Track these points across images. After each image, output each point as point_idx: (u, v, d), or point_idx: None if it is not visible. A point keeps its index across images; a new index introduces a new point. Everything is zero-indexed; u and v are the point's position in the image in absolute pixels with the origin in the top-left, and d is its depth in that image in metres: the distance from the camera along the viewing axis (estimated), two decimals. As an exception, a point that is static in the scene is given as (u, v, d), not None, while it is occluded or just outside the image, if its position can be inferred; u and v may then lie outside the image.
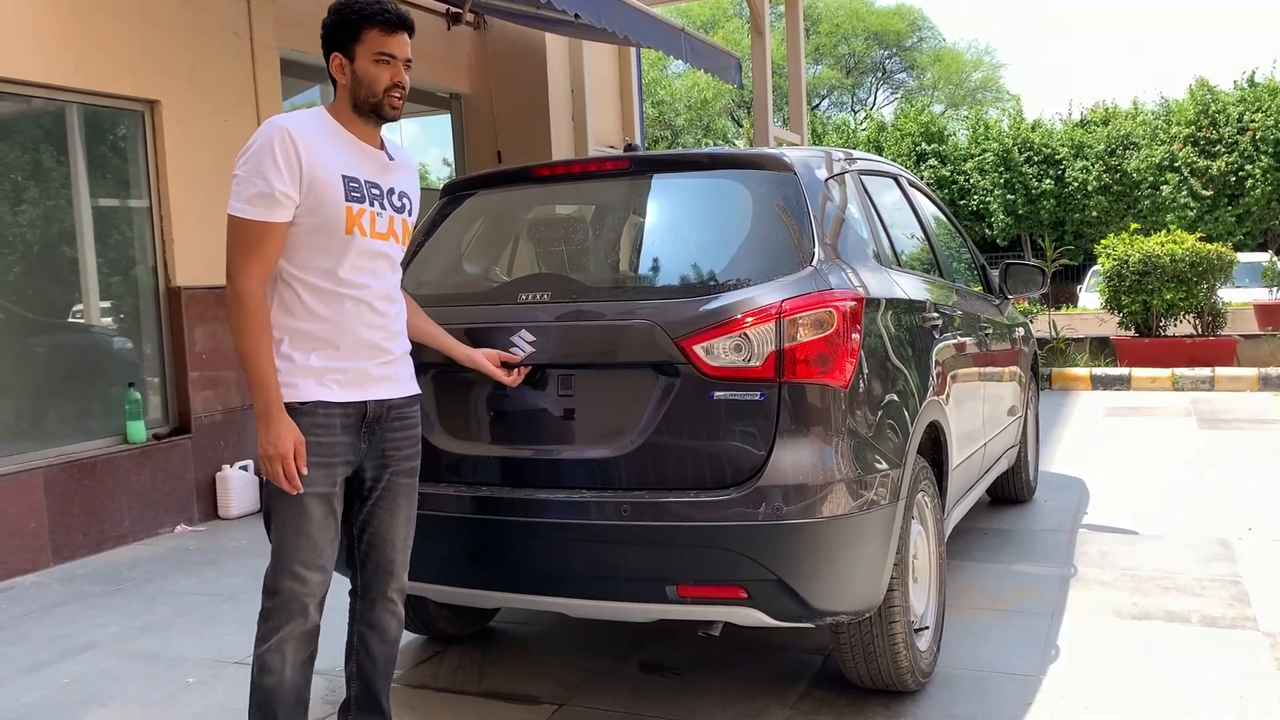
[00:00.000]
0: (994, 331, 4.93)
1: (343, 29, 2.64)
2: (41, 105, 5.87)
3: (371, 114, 2.68)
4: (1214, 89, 21.83)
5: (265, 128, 2.59)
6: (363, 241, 2.65)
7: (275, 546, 2.64)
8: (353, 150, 2.68)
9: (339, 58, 2.67)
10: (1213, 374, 10.52)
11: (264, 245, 2.55)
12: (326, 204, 2.59)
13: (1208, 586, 4.43)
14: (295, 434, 2.55)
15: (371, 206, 2.68)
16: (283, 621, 2.64)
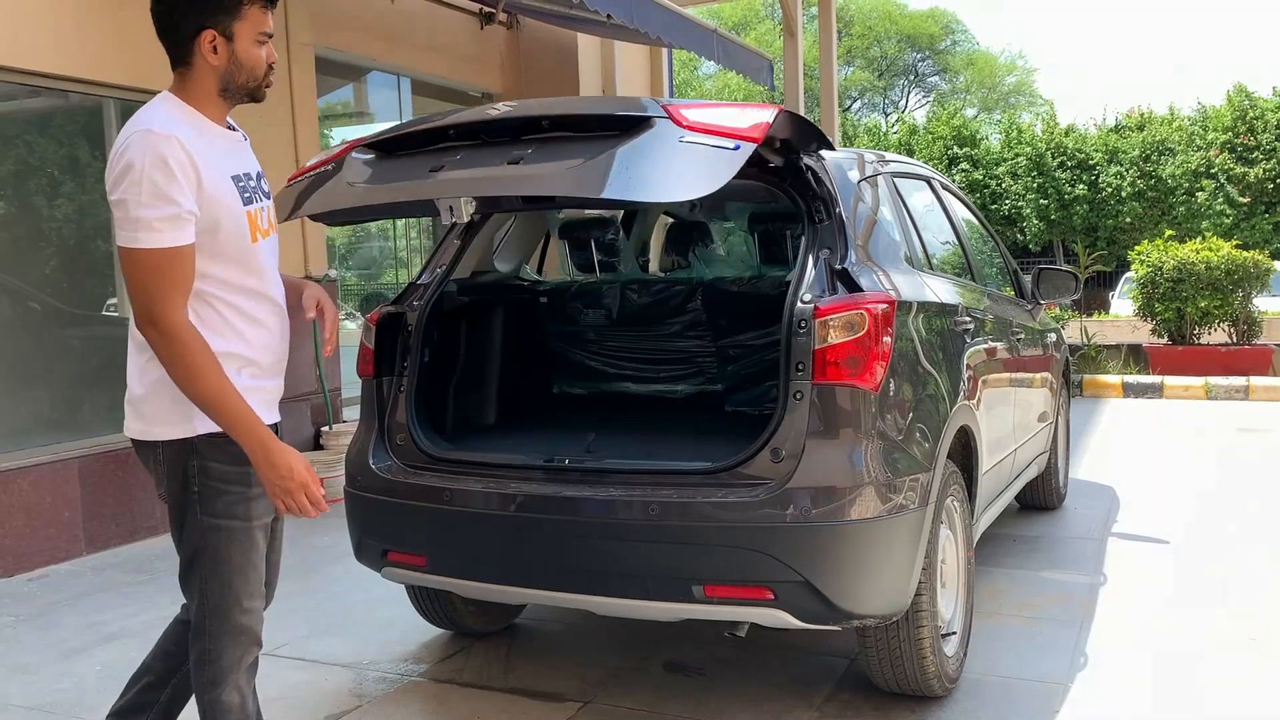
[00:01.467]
0: (1026, 337, 4.89)
1: (219, 2, 2.29)
2: (79, 100, 5.94)
3: (246, 98, 2.39)
4: (1252, 95, 21.58)
5: (144, 138, 2.19)
6: (263, 244, 2.39)
7: (220, 585, 2.35)
8: (222, 142, 2.35)
9: (213, 35, 2.29)
10: (1247, 383, 10.39)
11: (183, 272, 2.21)
12: (228, 214, 2.28)
13: (1241, 601, 4.38)
14: (301, 456, 2.28)
15: (258, 203, 2.39)
16: (238, 656, 2.41)
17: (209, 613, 2.38)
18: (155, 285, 2.19)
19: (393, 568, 3.51)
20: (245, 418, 2.22)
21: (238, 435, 2.23)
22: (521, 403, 4.25)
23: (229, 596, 2.36)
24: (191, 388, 2.21)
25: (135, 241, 2.18)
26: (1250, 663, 3.69)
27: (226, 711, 2.41)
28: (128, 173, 2.17)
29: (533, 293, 4.37)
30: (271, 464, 2.23)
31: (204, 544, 2.34)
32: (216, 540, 2.33)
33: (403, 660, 3.96)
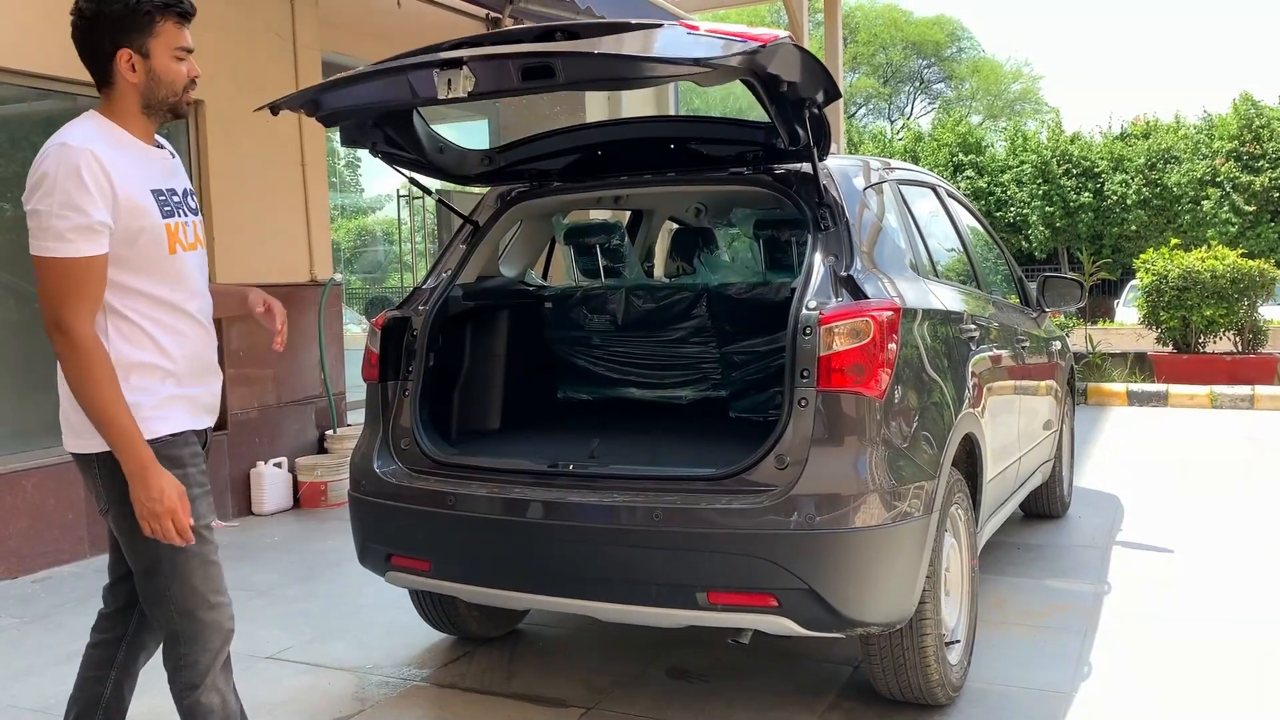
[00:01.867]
0: (1031, 344, 4.89)
1: (133, 21, 2.32)
2: (88, 104, 5.92)
3: (169, 114, 2.43)
4: (1258, 104, 21.56)
5: (60, 151, 2.26)
6: (184, 256, 2.42)
7: (181, 586, 2.39)
8: (145, 158, 2.41)
9: (129, 54, 2.34)
10: (1253, 392, 10.37)
11: (91, 283, 2.26)
12: (146, 226, 2.32)
13: (1246, 610, 4.37)
14: (176, 483, 2.31)
15: (180, 217, 2.43)
16: (212, 657, 2.45)
17: (179, 617, 2.41)
18: (64, 293, 2.24)
19: (396, 572, 3.51)
20: (130, 435, 2.26)
21: (120, 451, 2.27)
22: (526, 408, 4.25)
23: (194, 595, 2.40)
24: (85, 397, 2.26)
25: (46, 250, 2.24)
26: (1254, 672, 3.68)
27: (208, 713, 2.45)
28: (41, 183, 2.25)
29: (538, 298, 4.37)
30: (145, 485, 2.27)
31: (159, 550, 2.36)
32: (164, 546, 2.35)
33: (406, 665, 3.96)
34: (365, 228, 25.99)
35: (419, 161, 3.77)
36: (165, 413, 2.39)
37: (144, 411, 2.33)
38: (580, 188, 3.92)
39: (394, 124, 3.59)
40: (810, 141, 3.22)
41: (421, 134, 3.70)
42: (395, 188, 10.00)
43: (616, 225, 4.50)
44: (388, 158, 3.71)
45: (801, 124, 3.19)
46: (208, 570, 2.43)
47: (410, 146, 3.68)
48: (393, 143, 3.65)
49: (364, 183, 25.88)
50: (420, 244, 9.99)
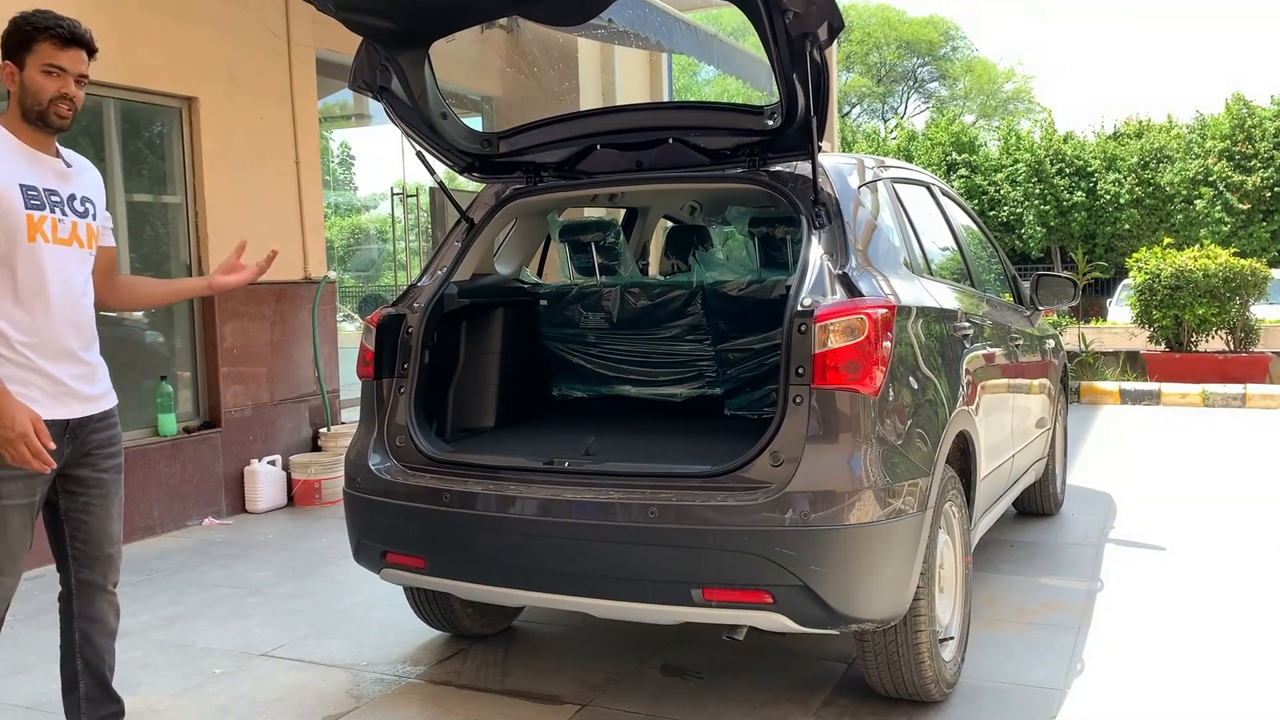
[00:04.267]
0: (1024, 343, 4.90)
1: (16, 38, 2.70)
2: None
3: (38, 122, 2.72)
4: (1250, 104, 21.62)
5: None
6: (46, 248, 2.69)
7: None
8: (25, 159, 2.71)
9: (9, 66, 2.71)
10: (1244, 391, 10.40)
11: None
12: (5, 213, 2.62)
13: (1238, 606, 4.39)
14: (28, 411, 2.58)
15: (52, 213, 2.72)
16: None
17: None
18: None
19: (391, 569, 3.51)
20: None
21: None
22: (521, 405, 4.26)
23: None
24: None
25: None
26: (1247, 668, 3.69)
27: None
28: None
29: (533, 295, 4.38)
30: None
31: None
32: None
33: (400, 662, 3.96)
34: (359, 226, 25.96)
35: (420, 121, 3.72)
36: None
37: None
38: (575, 185, 3.92)
39: (407, 61, 3.55)
40: (809, 106, 3.21)
41: (429, 89, 3.68)
42: (389, 186, 9.97)
43: (611, 223, 4.51)
44: (392, 107, 3.65)
45: (802, 76, 3.17)
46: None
47: (417, 97, 3.64)
48: (401, 90, 3.60)
49: (358, 181, 25.84)
50: (414, 242, 9.98)
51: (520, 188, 3.91)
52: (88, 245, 2.83)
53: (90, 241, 2.84)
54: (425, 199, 9.80)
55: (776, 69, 3.18)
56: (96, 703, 3.01)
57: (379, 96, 3.62)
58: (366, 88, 3.60)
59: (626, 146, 3.75)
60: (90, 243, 2.85)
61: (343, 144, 20.16)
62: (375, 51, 3.55)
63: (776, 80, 3.24)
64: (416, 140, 3.79)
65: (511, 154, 3.90)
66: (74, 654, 2.99)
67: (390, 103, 3.64)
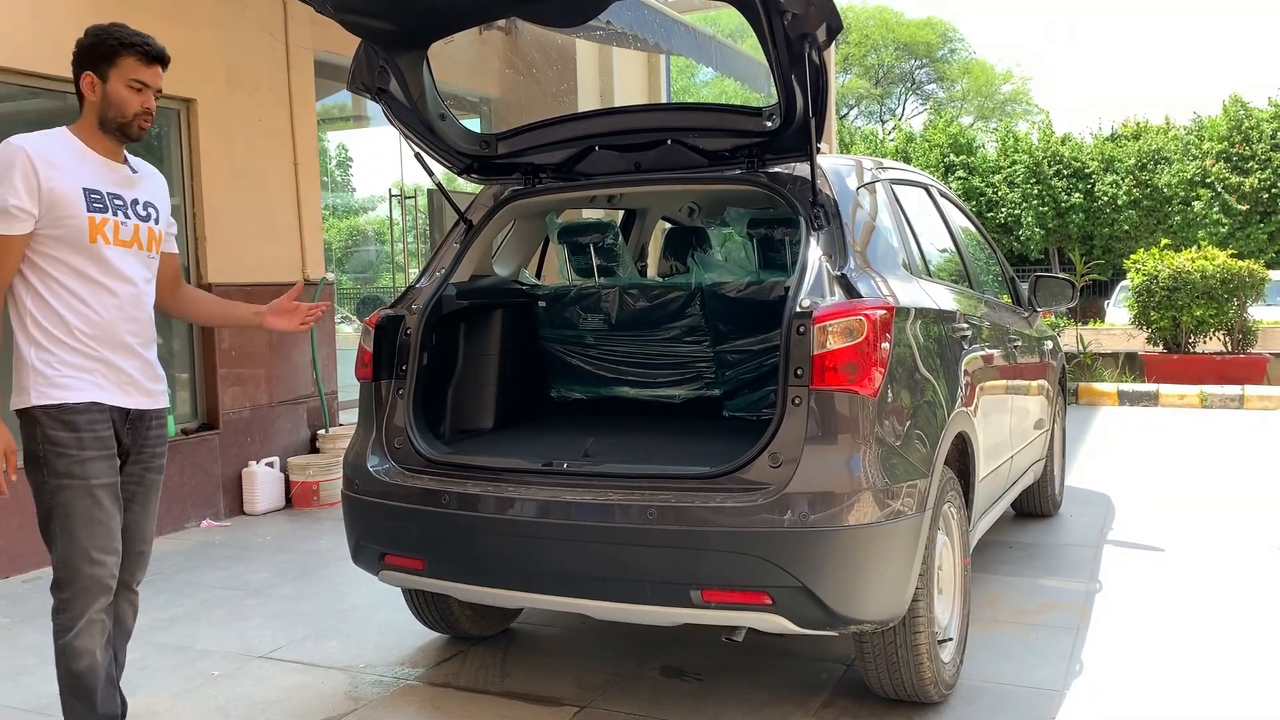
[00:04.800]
0: (1023, 344, 4.90)
1: (99, 50, 2.81)
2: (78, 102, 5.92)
3: (117, 133, 2.85)
4: (1248, 105, 21.64)
5: (3, 148, 2.74)
6: (107, 249, 2.80)
7: (68, 538, 2.75)
8: (93, 165, 2.83)
9: (91, 77, 2.82)
10: (1242, 392, 10.41)
11: (3, 258, 2.71)
12: (69, 216, 2.73)
13: (1236, 608, 4.39)
14: (10, 442, 2.75)
15: (114, 216, 2.82)
16: (87, 604, 2.77)
17: (60, 563, 2.78)
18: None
19: (390, 571, 3.51)
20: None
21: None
22: (520, 407, 4.25)
23: (76, 547, 2.75)
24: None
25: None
26: (1246, 670, 3.70)
27: (78, 655, 2.78)
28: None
29: (531, 297, 4.37)
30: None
31: (53, 501, 2.76)
32: (56, 498, 2.75)
33: (399, 664, 3.96)
34: (357, 227, 25.93)
35: (419, 122, 3.72)
36: (65, 383, 2.75)
37: (45, 380, 2.74)
38: (574, 187, 3.92)
39: (405, 62, 3.56)
40: (808, 108, 3.21)
41: (428, 90, 3.68)
42: (388, 187, 9.96)
43: (610, 224, 4.51)
44: (390, 109, 3.66)
45: (800, 77, 3.17)
46: (94, 529, 2.76)
47: (415, 99, 3.64)
48: (399, 91, 3.60)
49: (356, 182, 25.82)
50: (412, 244, 9.98)
51: (519, 189, 3.91)
52: (149, 249, 2.93)
53: (152, 245, 2.94)
54: (424, 200, 9.80)
55: (775, 70, 3.18)
56: None
57: (377, 98, 3.62)
58: (365, 89, 3.60)
59: (625, 148, 3.75)
60: (152, 246, 2.94)
61: (341, 145, 20.15)
62: (374, 53, 3.55)
63: (775, 82, 3.24)
64: (415, 142, 3.79)
65: (510, 155, 3.90)
66: None
67: (389, 104, 3.64)
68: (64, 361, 2.76)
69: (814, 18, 2.98)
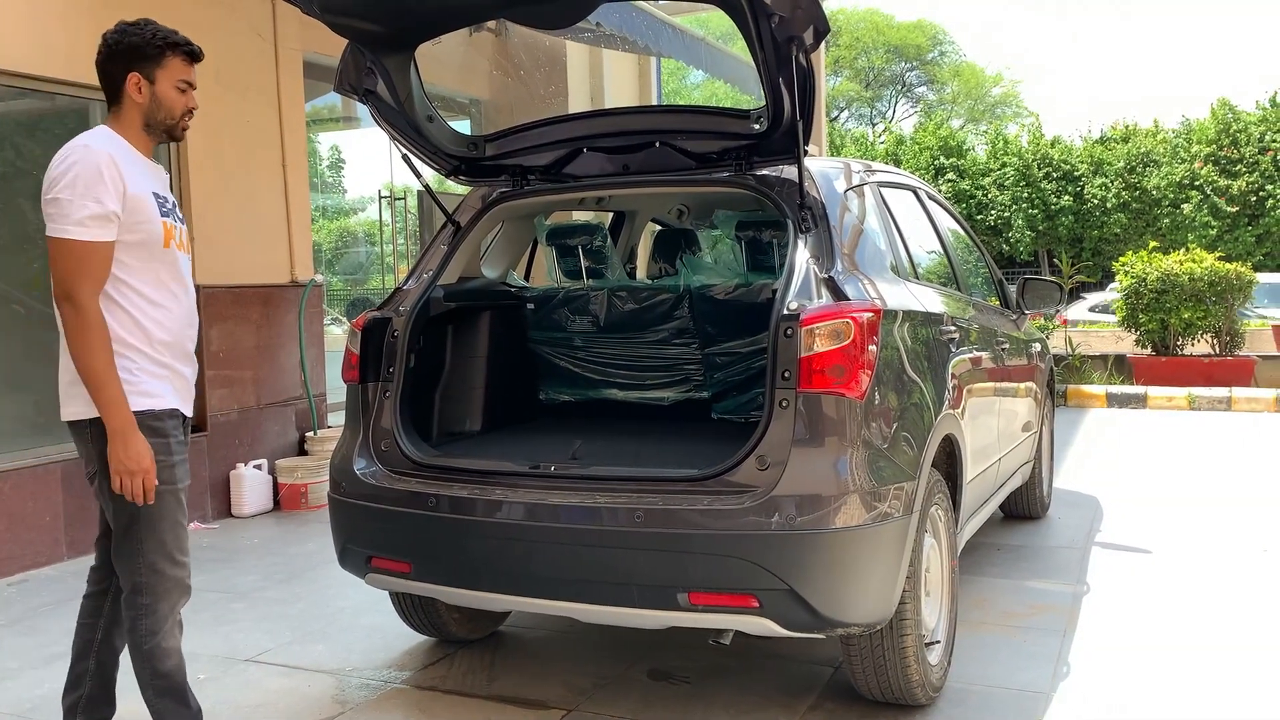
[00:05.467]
0: (1010, 346, 4.91)
1: (144, 51, 2.77)
2: (67, 103, 5.91)
3: (164, 134, 2.85)
4: (1236, 108, 21.75)
5: (82, 152, 2.67)
6: (177, 254, 2.84)
7: (154, 541, 2.76)
8: (146, 167, 2.83)
9: (137, 78, 2.77)
10: (1229, 394, 10.45)
11: (101, 265, 2.67)
12: (146, 221, 2.73)
13: (1223, 610, 4.40)
14: (150, 450, 2.69)
15: (172, 221, 2.84)
16: (171, 605, 2.80)
17: (144, 566, 2.76)
18: (76, 272, 2.64)
19: (377, 574, 3.49)
20: (117, 400, 2.65)
21: (108, 413, 2.64)
22: (507, 409, 4.25)
23: (164, 549, 2.77)
24: (83, 363, 2.64)
25: (65, 233, 2.63)
26: (1233, 670, 3.71)
27: (167, 655, 2.82)
28: (64, 176, 2.64)
29: (519, 299, 4.37)
30: (126, 446, 2.64)
31: (139, 509, 2.72)
32: (153, 504, 2.72)
33: (386, 667, 3.94)
34: (347, 229, 25.89)
35: (406, 124, 3.70)
36: (150, 389, 2.74)
37: (131, 387, 2.69)
38: (563, 188, 3.92)
39: (393, 64, 3.55)
40: (795, 111, 3.21)
41: (415, 92, 3.67)
42: (377, 189, 9.95)
43: (598, 226, 4.50)
44: (377, 110, 3.64)
45: (788, 80, 3.17)
46: (178, 531, 2.80)
47: (403, 100, 3.63)
48: (386, 92, 3.59)
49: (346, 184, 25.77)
50: (402, 245, 9.96)
51: (507, 190, 3.91)
52: (189, 249, 2.95)
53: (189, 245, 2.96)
54: (414, 202, 9.78)
55: (763, 73, 3.19)
56: (96, 704, 3.03)
57: (364, 99, 3.61)
58: (352, 90, 3.59)
59: (613, 150, 3.75)
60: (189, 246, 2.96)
61: (332, 147, 20.12)
62: (361, 54, 3.54)
63: (763, 84, 3.24)
64: (402, 143, 3.78)
65: (498, 157, 3.89)
66: (89, 653, 3.01)
67: (375, 105, 3.63)
68: (143, 369, 2.74)
69: (801, 20, 2.98)
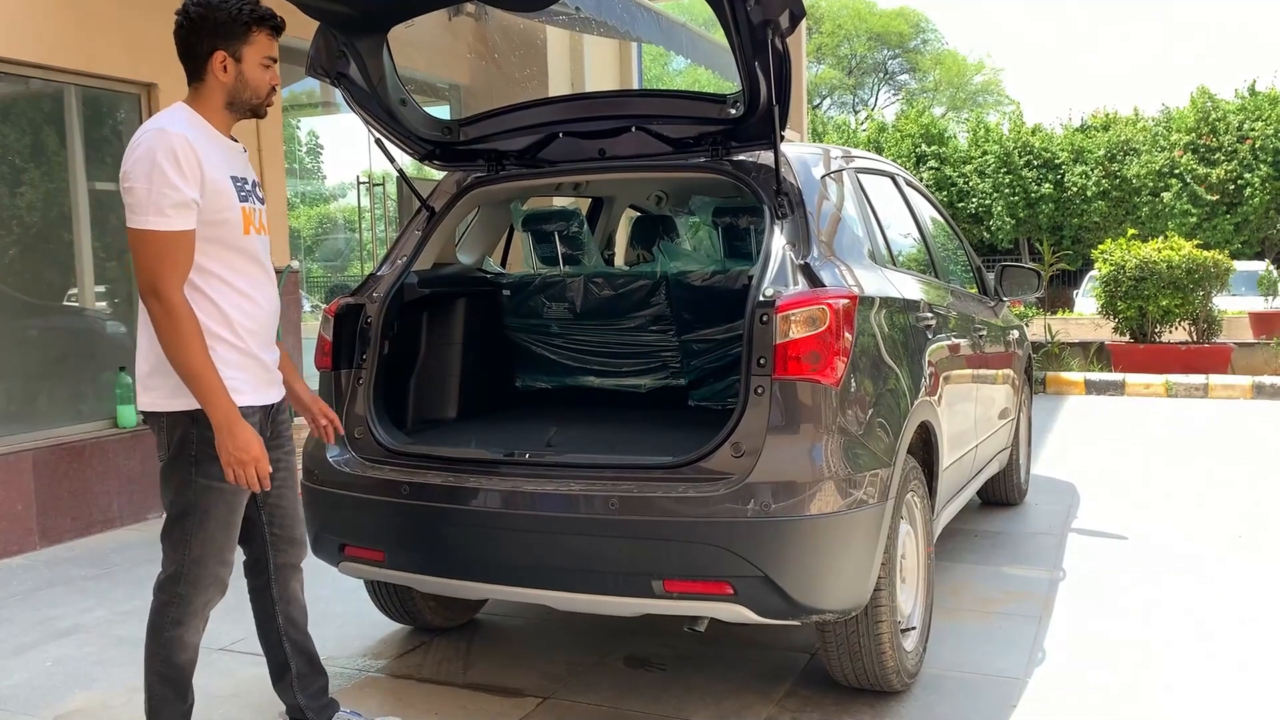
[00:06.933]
0: (988, 333, 4.92)
1: (231, 28, 2.66)
2: (40, 87, 5.83)
3: (250, 114, 2.76)
4: (1215, 97, 21.84)
5: (157, 136, 2.56)
6: (256, 239, 2.75)
7: (203, 536, 2.71)
8: (225, 148, 2.72)
9: (223, 55, 2.67)
10: (1207, 381, 10.52)
11: (185, 255, 2.58)
12: (226, 207, 2.64)
13: (1197, 596, 4.43)
14: (258, 436, 2.65)
15: (252, 204, 2.75)
16: (206, 602, 2.78)
17: (188, 560, 2.72)
18: (159, 263, 2.53)
19: (350, 562, 3.47)
20: (217, 390, 2.57)
21: (210, 405, 2.57)
22: (483, 396, 4.22)
23: (210, 548, 2.72)
24: (177, 357, 2.55)
25: (146, 224, 2.52)
26: (1204, 658, 3.73)
27: (185, 648, 2.79)
28: (140, 164, 2.53)
29: (495, 285, 4.34)
30: (233, 435, 2.57)
31: (195, 502, 2.68)
32: (198, 500, 2.68)
33: (360, 656, 3.92)
34: (326, 215, 25.72)
35: (379, 108, 3.65)
36: (232, 385, 2.63)
37: None
38: (538, 174, 3.88)
39: (365, 47, 3.50)
40: (771, 95, 3.19)
41: (388, 75, 3.63)
42: (356, 175, 9.88)
43: (575, 212, 4.47)
44: (350, 94, 3.59)
45: (764, 64, 3.14)
46: (229, 533, 2.77)
47: (375, 84, 3.58)
48: (359, 76, 3.54)
49: (325, 170, 25.59)
50: (381, 231, 9.90)
51: (482, 176, 3.87)
52: (268, 231, 2.85)
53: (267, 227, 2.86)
54: (393, 188, 9.72)
55: (739, 57, 3.16)
56: (307, 679, 3.07)
57: (336, 83, 3.56)
58: (324, 74, 3.54)
59: (589, 134, 3.72)
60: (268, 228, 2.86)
61: (310, 132, 19.96)
62: (332, 37, 3.49)
63: (739, 68, 3.22)
64: (375, 127, 3.74)
65: (473, 141, 3.86)
66: (280, 639, 3.05)
67: (348, 89, 3.58)
68: (225, 361, 2.63)
69: (776, 4, 2.95)
